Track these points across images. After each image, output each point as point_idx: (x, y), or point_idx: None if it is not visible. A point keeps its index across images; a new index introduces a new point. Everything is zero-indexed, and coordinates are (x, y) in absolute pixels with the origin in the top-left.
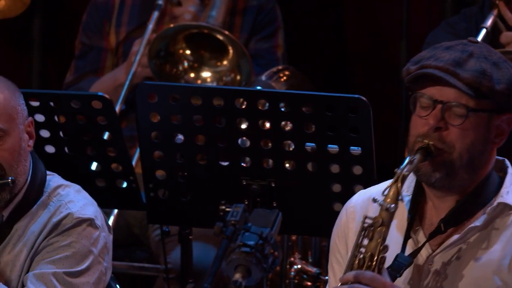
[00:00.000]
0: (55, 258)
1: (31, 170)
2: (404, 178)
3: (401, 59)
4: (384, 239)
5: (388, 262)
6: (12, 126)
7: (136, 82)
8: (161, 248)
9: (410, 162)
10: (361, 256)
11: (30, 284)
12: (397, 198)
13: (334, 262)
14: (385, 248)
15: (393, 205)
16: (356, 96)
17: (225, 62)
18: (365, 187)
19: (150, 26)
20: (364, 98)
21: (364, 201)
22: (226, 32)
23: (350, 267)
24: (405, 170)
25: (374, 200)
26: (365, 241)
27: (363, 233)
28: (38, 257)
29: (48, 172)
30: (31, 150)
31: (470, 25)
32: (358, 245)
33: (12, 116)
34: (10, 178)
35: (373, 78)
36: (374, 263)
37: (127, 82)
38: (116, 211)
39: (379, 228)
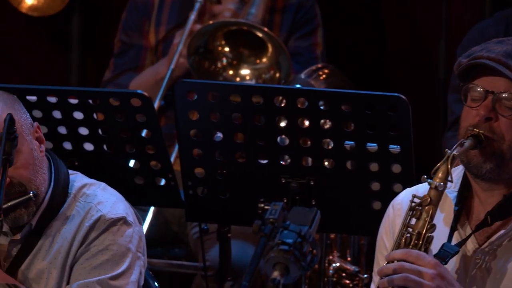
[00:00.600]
0: (96, 265)
1: (53, 174)
2: (453, 159)
3: (440, 58)
4: (432, 218)
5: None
6: (21, 141)
7: (178, 74)
8: (199, 245)
9: (460, 145)
10: (408, 234)
11: None
12: (446, 177)
13: (380, 259)
14: (433, 227)
15: (442, 184)
16: (396, 94)
17: (264, 60)
18: (404, 186)
19: (192, 16)
20: (403, 97)
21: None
22: (265, 29)
23: (396, 246)
24: (455, 151)
25: (414, 197)
26: (413, 221)
27: (410, 212)
28: (78, 265)
29: (70, 171)
30: (47, 152)
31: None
32: (405, 225)
33: (18, 131)
34: (31, 192)
35: (412, 77)
36: (421, 241)
37: (169, 73)
38: (152, 208)
39: (427, 207)
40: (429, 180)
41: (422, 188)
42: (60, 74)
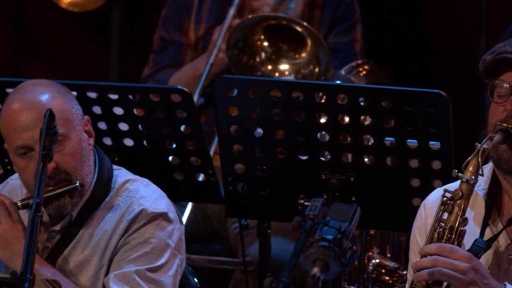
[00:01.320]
0: (135, 256)
1: (97, 168)
2: (484, 152)
3: (480, 55)
4: (464, 212)
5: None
6: (70, 129)
7: (217, 69)
8: (239, 241)
9: (490, 138)
10: (441, 229)
11: (113, 285)
12: (477, 171)
13: (414, 259)
14: (465, 221)
15: (473, 177)
16: (436, 91)
17: (303, 54)
18: (444, 182)
19: (231, 11)
20: (443, 93)
21: (439, 197)
22: (305, 24)
23: (429, 240)
24: (485, 144)
25: (445, 191)
26: (445, 215)
27: (442, 207)
28: (117, 257)
29: (114, 167)
30: (94, 147)
31: None
32: (437, 219)
33: (68, 119)
34: (77, 182)
35: (452, 74)
36: (453, 235)
37: (207, 67)
38: (190, 204)
39: (458, 201)
40: (460, 174)
41: (452, 186)
42: (100, 69)
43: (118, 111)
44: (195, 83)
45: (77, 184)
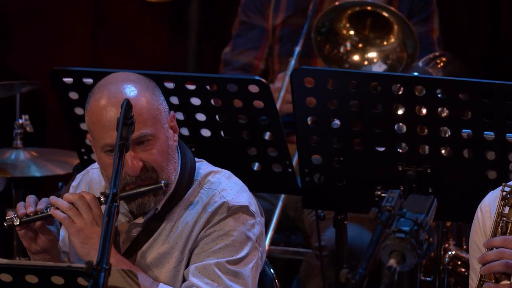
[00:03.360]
0: (215, 249)
1: (179, 161)
2: None
3: None
4: None
5: None
6: (158, 128)
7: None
8: (315, 228)
9: None
10: (503, 223)
11: (193, 278)
12: None
13: (475, 264)
14: None
15: None
16: None
17: (391, 40)
18: None
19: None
20: None
21: (497, 197)
22: (392, 8)
23: (492, 235)
24: None
25: (504, 185)
26: (506, 209)
27: (502, 202)
28: (197, 250)
29: (196, 159)
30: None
31: None
32: (499, 214)
33: (157, 118)
34: (163, 182)
35: None
36: None
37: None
38: (283, 196)
39: None
40: None
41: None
42: (178, 59)
43: (196, 101)
44: None
45: (162, 184)
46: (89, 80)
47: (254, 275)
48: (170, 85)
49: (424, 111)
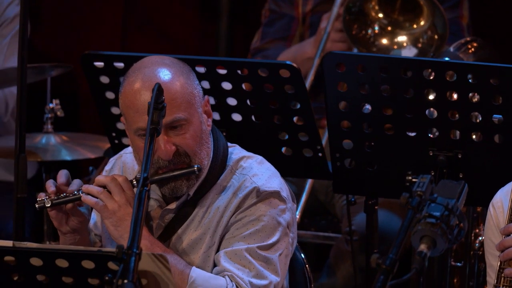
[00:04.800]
0: (246, 234)
1: (212, 146)
2: None
3: None
4: None
5: None
6: (192, 112)
7: None
8: (345, 212)
9: None
10: None
11: (224, 262)
12: None
13: (492, 260)
14: None
15: None
16: None
17: (421, 23)
18: None
19: None
20: None
21: (508, 192)
22: None
23: (508, 221)
24: None
25: None
26: None
27: None
28: (228, 235)
29: (229, 144)
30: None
31: None
32: None
33: (191, 102)
34: (196, 166)
35: None
36: None
37: (316, 59)
38: (310, 182)
39: None
40: None
41: None
42: (209, 44)
43: (227, 86)
44: (302, 66)
45: (195, 168)
46: (120, 64)
47: (285, 261)
48: (201, 69)
49: (455, 96)
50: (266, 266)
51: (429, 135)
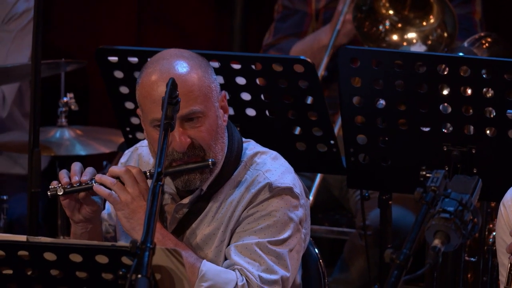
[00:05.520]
0: (257, 229)
1: (227, 142)
2: None
3: None
4: None
5: None
6: (208, 106)
7: (343, 41)
8: (360, 207)
9: None
10: None
11: (234, 256)
12: None
13: (504, 259)
14: None
15: None
16: None
17: (430, 20)
18: None
19: None
20: None
21: None
22: None
23: None
24: None
25: None
26: None
27: None
28: (239, 229)
29: (244, 139)
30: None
31: None
32: None
33: (208, 95)
34: (210, 160)
35: None
36: None
37: (333, 37)
38: (319, 176)
39: None
40: None
41: None
42: (223, 39)
43: (241, 80)
44: (317, 54)
45: (209, 162)
46: (134, 59)
47: (296, 257)
48: (215, 64)
49: (469, 91)
50: (276, 261)
51: (443, 130)
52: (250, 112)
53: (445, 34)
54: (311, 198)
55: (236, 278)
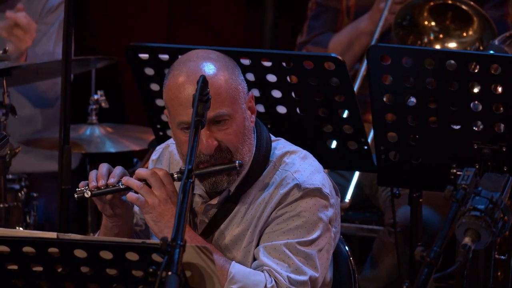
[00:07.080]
0: (286, 229)
1: (255, 142)
2: None
3: None
4: None
5: None
6: (236, 108)
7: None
8: (389, 204)
9: None
10: None
11: (263, 257)
12: None
13: None
14: None
15: None
16: None
17: (470, 33)
18: None
19: None
20: None
21: None
22: (471, 3)
23: None
24: None
25: None
26: None
27: None
28: (268, 229)
29: (273, 138)
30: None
31: None
32: None
33: (235, 97)
34: (237, 162)
35: None
36: None
37: (379, 28)
38: (357, 174)
39: None
40: None
41: None
42: (254, 36)
43: (272, 78)
44: (356, 41)
45: (236, 164)
46: (164, 56)
47: (326, 257)
48: (246, 61)
49: (499, 89)
50: (305, 262)
51: (474, 128)
52: (281, 109)
53: (481, 48)
54: (348, 198)
55: (265, 279)
